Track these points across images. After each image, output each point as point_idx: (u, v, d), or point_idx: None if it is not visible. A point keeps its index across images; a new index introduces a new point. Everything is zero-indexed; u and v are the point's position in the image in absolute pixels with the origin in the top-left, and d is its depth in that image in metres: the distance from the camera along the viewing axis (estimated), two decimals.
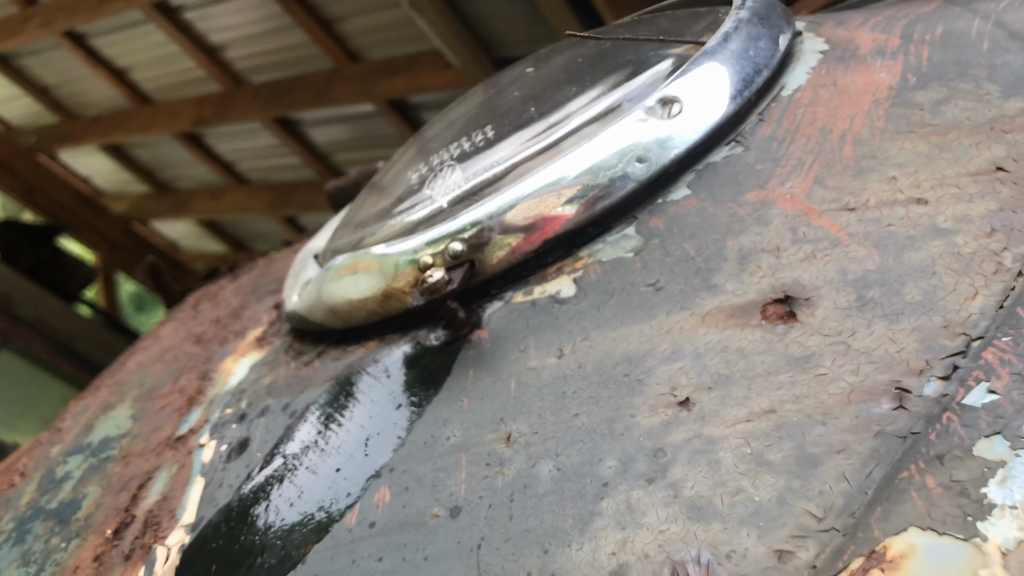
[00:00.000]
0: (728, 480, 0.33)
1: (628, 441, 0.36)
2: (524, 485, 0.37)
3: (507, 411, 0.40)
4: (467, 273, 0.45)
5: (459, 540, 0.36)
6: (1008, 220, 0.37)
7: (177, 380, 0.64)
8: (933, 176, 0.41)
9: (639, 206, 0.46)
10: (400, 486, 0.40)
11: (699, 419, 0.35)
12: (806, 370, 0.35)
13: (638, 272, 0.43)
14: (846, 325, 0.36)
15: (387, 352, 0.48)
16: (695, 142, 0.46)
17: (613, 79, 0.54)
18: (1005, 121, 0.42)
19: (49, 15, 3.40)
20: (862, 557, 0.28)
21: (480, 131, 0.56)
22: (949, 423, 0.31)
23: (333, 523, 0.41)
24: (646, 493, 0.34)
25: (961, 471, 0.29)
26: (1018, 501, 0.27)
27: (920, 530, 0.28)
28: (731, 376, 0.36)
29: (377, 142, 3.52)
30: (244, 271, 0.84)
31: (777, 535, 0.30)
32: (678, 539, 0.32)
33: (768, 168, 0.45)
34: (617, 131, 0.46)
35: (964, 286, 0.35)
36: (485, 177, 0.51)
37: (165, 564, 0.46)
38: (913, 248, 0.38)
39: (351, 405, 0.46)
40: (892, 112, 0.46)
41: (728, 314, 0.39)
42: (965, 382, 0.32)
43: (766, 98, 0.49)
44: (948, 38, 0.51)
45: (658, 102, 0.47)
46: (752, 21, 0.52)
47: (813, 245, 0.40)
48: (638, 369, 0.38)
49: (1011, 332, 0.32)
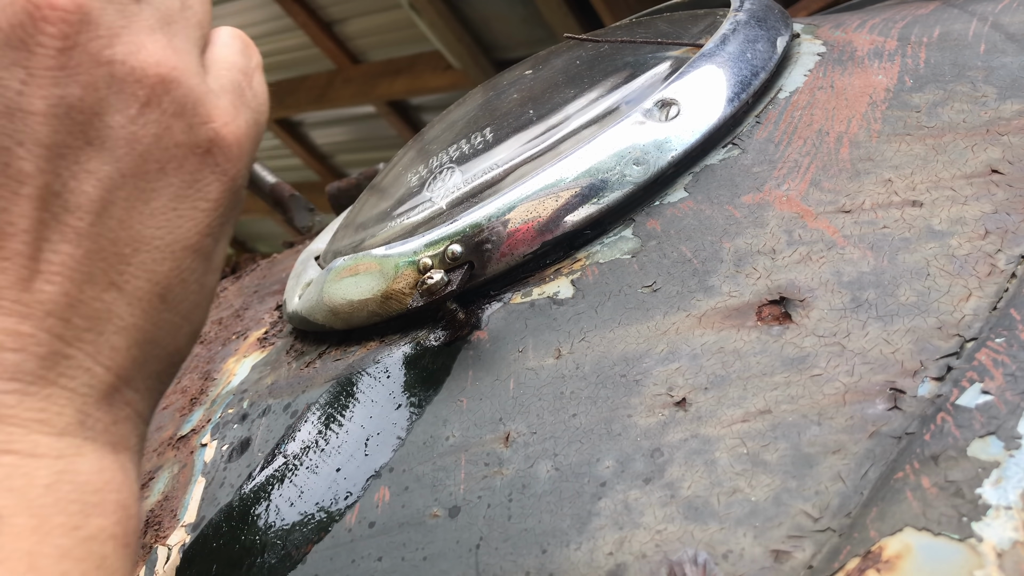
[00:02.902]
0: (724, 480, 0.33)
1: (625, 441, 0.36)
2: (523, 485, 0.37)
3: (506, 411, 0.40)
4: (466, 275, 0.45)
5: (458, 540, 0.37)
6: (1002, 222, 0.37)
7: (180, 380, 0.64)
8: (929, 178, 0.41)
9: (636, 208, 0.46)
10: (400, 486, 0.41)
11: (695, 419, 0.35)
12: (801, 371, 0.35)
13: (635, 274, 0.43)
14: (841, 326, 0.36)
15: (387, 353, 0.48)
16: (692, 145, 0.46)
17: (611, 82, 0.54)
18: (1001, 123, 0.43)
19: None
20: (858, 557, 0.29)
21: (479, 133, 0.57)
22: (943, 424, 0.31)
23: (333, 523, 0.41)
24: (643, 493, 0.34)
25: (956, 471, 0.29)
26: (1013, 501, 0.28)
27: (916, 530, 0.28)
28: (727, 376, 0.36)
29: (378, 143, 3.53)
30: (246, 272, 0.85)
31: (773, 535, 0.31)
32: (675, 539, 0.32)
33: (765, 170, 0.45)
34: (615, 134, 0.46)
35: (958, 288, 0.35)
36: (484, 179, 0.51)
37: (166, 564, 0.46)
38: (908, 250, 0.38)
39: (351, 405, 0.46)
40: (889, 114, 0.46)
41: (724, 315, 0.39)
42: (959, 383, 0.32)
43: (763, 100, 0.50)
44: (945, 40, 0.51)
45: (655, 105, 0.47)
46: (750, 24, 0.53)
47: (808, 247, 0.40)
48: (635, 370, 0.38)
49: (1005, 333, 0.33)
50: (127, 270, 0.25)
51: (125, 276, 0.25)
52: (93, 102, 0.24)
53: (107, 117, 0.25)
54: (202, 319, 0.29)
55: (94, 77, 0.24)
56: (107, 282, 0.25)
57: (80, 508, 0.23)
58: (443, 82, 2.94)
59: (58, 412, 0.24)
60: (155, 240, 0.26)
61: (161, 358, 0.27)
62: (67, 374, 0.24)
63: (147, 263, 0.26)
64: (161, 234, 0.26)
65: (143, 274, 0.26)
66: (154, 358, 0.27)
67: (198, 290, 0.28)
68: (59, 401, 0.24)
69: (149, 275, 0.26)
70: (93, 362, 0.25)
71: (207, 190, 0.27)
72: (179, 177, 0.26)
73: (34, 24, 0.23)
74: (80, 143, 0.24)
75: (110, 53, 0.25)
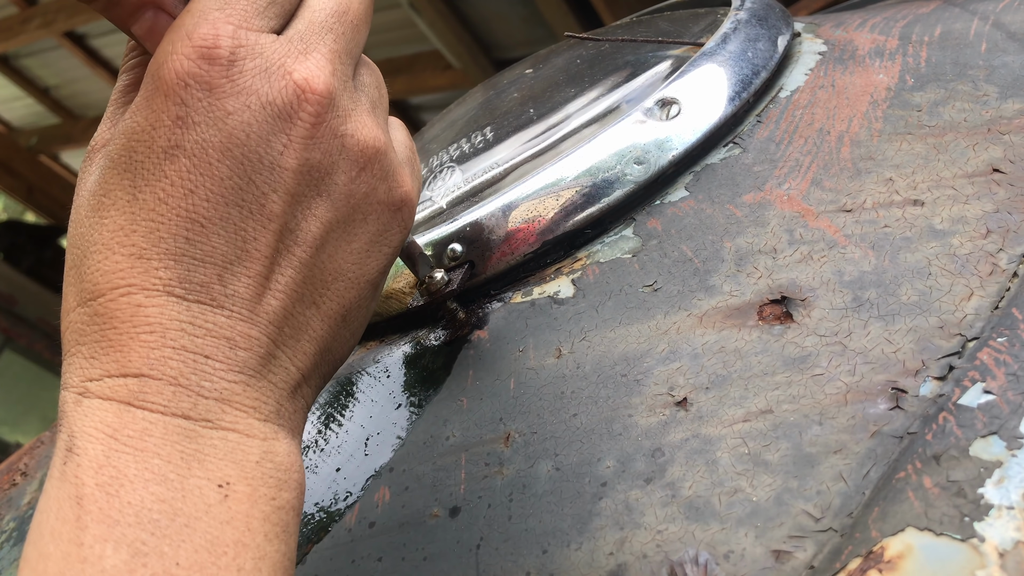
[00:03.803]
0: (726, 480, 0.33)
1: (626, 441, 0.36)
2: (523, 485, 0.37)
3: (506, 411, 0.40)
4: (467, 274, 0.45)
5: (458, 540, 0.37)
6: (1004, 221, 0.37)
7: None
8: (930, 177, 0.41)
9: (637, 207, 0.46)
10: (400, 486, 0.40)
11: (696, 419, 0.35)
12: (803, 370, 0.35)
13: (636, 273, 0.43)
14: (842, 326, 0.36)
15: (387, 352, 0.48)
16: (693, 144, 0.46)
17: (612, 80, 0.54)
18: (1002, 122, 0.43)
19: (49, 15, 3.41)
20: (860, 557, 0.29)
21: (479, 132, 0.57)
22: (945, 423, 0.31)
23: (333, 523, 0.41)
24: (644, 493, 0.34)
25: (958, 471, 0.29)
26: (1015, 501, 0.28)
27: (917, 530, 0.28)
28: (728, 376, 0.36)
29: None
30: None
31: (775, 535, 0.31)
32: (676, 539, 0.32)
33: (766, 170, 0.45)
34: (615, 133, 0.46)
35: (960, 287, 0.35)
36: (484, 179, 0.51)
37: None
38: (909, 249, 0.38)
39: (351, 405, 0.46)
40: (890, 113, 0.46)
41: (725, 315, 0.39)
42: (961, 382, 0.32)
43: (764, 99, 0.50)
44: (946, 39, 0.51)
45: (656, 104, 0.47)
46: (751, 22, 0.52)
47: (810, 246, 0.40)
48: (636, 369, 0.38)
49: (1006, 332, 0.33)
50: (326, 294, 0.32)
51: (324, 298, 0.32)
52: (328, 164, 0.31)
53: (335, 176, 0.32)
54: (360, 335, 0.35)
55: (331, 146, 0.31)
56: (311, 301, 0.32)
57: (276, 482, 0.29)
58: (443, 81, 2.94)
59: (264, 401, 0.30)
60: (349, 273, 0.33)
61: (331, 363, 0.34)
62: (274, 371, 0.30)
63: (340, 290, 0.33)
64: (354, 269, 0.33)
65: (336, 298, 0.33)
66: (327, 363, 0.33)
67: (366, 314, 0.35)
68: (267, 392, 0.30)
69: (340, 300, 0.33)
70: (290, 363, 0.31)
71: (392, 238, 0.34)
72: (376, 226, 0.33)
73: (299, 102, 0.30)
74: (313, 194, 0.31)
75: (343, 129, 0.32)
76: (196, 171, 0.29)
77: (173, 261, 0.29)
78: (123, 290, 0.29)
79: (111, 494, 0.26)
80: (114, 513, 0.26)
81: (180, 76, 0.29)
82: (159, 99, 0.30)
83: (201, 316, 0.29)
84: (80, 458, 0.27)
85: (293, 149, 0.30)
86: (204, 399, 0.28)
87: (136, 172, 0.30)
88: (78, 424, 0.27)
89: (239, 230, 0.30)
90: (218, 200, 0.30)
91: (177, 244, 0.29)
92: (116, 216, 0.30)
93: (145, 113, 0.30)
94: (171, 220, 0.29)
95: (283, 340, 0.31)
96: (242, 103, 0.30)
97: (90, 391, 0.28)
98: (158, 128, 0.29)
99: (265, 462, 0.29)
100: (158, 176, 0.29)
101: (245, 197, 0.30)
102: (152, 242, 0.29)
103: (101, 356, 0.28)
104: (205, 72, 0.29)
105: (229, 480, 0.27)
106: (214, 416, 0.28)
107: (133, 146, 0.30)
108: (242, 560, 0.27)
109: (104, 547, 0.25)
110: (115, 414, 0.27)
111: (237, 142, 0.30)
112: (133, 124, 0.30)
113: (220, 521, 0.27)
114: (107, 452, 0.27)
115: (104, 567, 0.25)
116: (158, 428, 0.27)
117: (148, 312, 0.28)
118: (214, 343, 0.29)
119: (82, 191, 0.31)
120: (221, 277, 0.30)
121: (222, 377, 0.29)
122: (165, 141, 0.29)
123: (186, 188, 0.29)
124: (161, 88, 0.29)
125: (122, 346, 0.28)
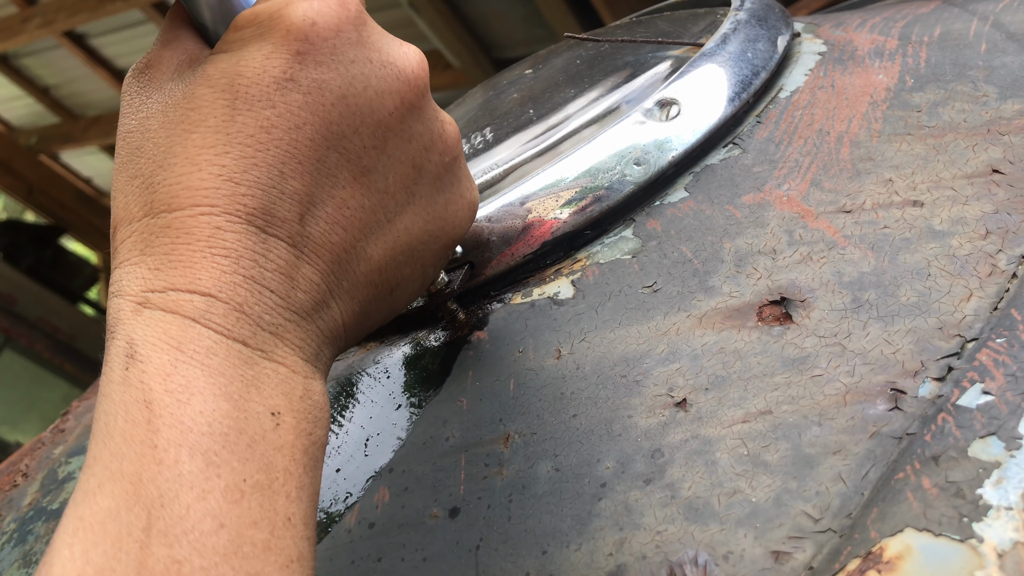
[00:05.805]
0: (725, 481, 0.33)
1: (626, 442, 0.36)
2: (523, 486, 0.37)
3: (506, 412, 0.40)
4: (466, 275, 0.45)
5: (458, 541, 0.37)
6: (1003, 222, 0.37)
7: None
8: (929, 178, 0.41)
9: (637, 208, 0.46)
10: (399, 487, 0.40)
11: (696, 420, 0.35)
12: (802, 371, 0.35)
13: (635, 274, 0.43)
14: (841, 327, 0.36)
15: (387, 353, 0.48)
16: (693, 144, 0.46)
17: (611, 81, 0.54)
18: (1002, 123, 0.43)
19: (49, 15, 3.41)
20: (859, 558, 0.29)
21: (479, 133, 0.57)
22: (944, 424, 0.31)
23: (333, 524, 0.41)
24: (644, 494, 0.34)
25: (956, 472, 0.29)
26: (1013, 502, 0.28)
27: (916, 531, 0.28)
28: (727, 377, 0.36)
29: None
30: None
31: (774, 536, 0.31)
32: (675, 540, 0.32)
33: (765, 170, 0.45)
34: (615, 133, 0.46)
35: (959, 288, 0.35)
36: (484, 179, 0.51)
37: None
38: (908, 250, 0.38)
39: (351, 406, 0.46)
40: (889, 114, 0.46)
41: (725, 316, 0.39)
42: (960, 383, 0.32)
43: (764, 100, 0.50)
44: (946, 39, 0.51)
45: (656, 104, 0.47)
46: (750, 23, 0.53)
47: (809, 247, 0.40)
48: (635, 370, 0.38)
49: (1005, 333, 0.33)
50: (390, 262, 0.34)
51: (387, 266, 0.34)
52: (427, 140, 0.34)
53: (431, 155, 0.34)
54: (393, 316, 0.37)
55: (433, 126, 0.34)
56: (375, 265, 0.33)
57: (313, 418, 0.30)
58: (443, 81, 2.94)
59: (309, 343, 0.31)
60: (414, 250, 0.35)
61: (367, 327, 0.35)
62: (323, 318, 0.32)
63: (402, 262, 0.35)
64: (420, 248, 0.35)
65: (396, 269, 0.34)
66: (364, 326, 0.35)
67: (410, 296, 0.37)
68: (312, 335, 0.31)
69: (398, 271, 0.35)
70: (339, 315, 0.32)
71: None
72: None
73: (419, 70, 0.33)
74: (408, 161, 0.33)
75: (444, 117, 0.35)
76: (307, 108, 0.30)
77: (261, 191, 0.29)
78: (204, 209, 0.29)
79: (182, 401, 0.26)
80: (187, 420, 0.26)
81: (308, 15, 0.30)
82: (278, 33, 0.30)
83: (275, 251, 0.30)
84: (145, 364, 0.27)
85: (401, 112, 0.32)
86: (262, 331, 0.29)
87: (237, 94, 0.30)
88: (139, 332, 0.28)
89: (331, 175, 0.31)
90: (321, 142, 0.30)
91: (270, 175, 0.29)
92: (206, 133, 0.30)
93: (258, 43, 0.30)
94: (270, 150, 0.29)
95: (339, 293, 0.32)
96: (364, 55, 0.31)
97: (151, 302, 0.28)
98: (272, 58, 0.30)
99: (306, 398, 0.30)
100: (264, 104, 0.30)
101: (347, 145, 0.31)
102: (244, 167, 0.29)
103: (167, 269, 0.28)
104: (335, 16, 0.30)
105: (279, 410, 0.28)
106: (268, 348, 0.29)
107: (239, 69, 0.30)
108: (288, 487, 0.27)
109: (179, 452, 0.25)
110: (180, 328, 0.27)
111: (355, 91, 0.31)
112: (241, 49, 0.30)
113: (274, 447, 0.27)
114: (173, 362, 0.27)
115: (180, 472, 0.25)
116: (222, 348, 0.28)
117: (226, 236, 0.29)
118: (280, 280, 0.30)
119: (150, 102, 0.31)
120: (302, 217, 0.30)
121: (280, 313, 0.30)
122: (279, 72, 0.30)
123: (294, 123, 0.30)
124: (283, 23, 0.30)
125: (193, 263, 0.28)
